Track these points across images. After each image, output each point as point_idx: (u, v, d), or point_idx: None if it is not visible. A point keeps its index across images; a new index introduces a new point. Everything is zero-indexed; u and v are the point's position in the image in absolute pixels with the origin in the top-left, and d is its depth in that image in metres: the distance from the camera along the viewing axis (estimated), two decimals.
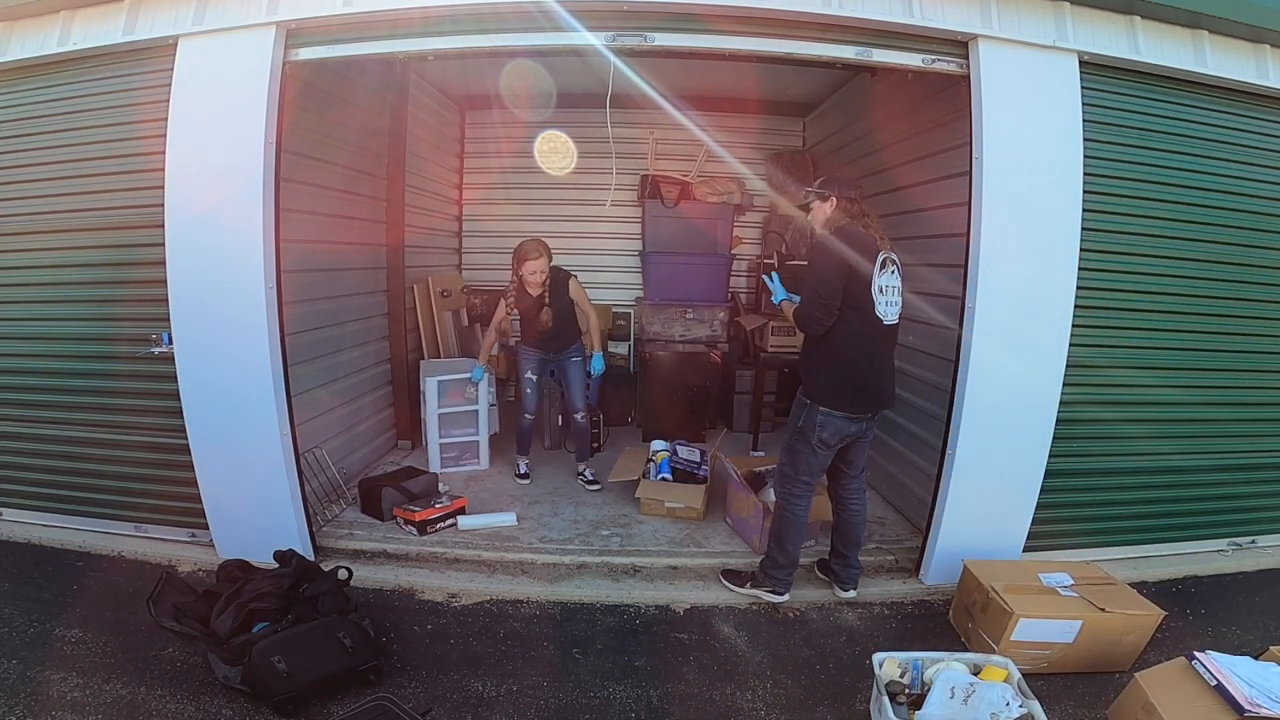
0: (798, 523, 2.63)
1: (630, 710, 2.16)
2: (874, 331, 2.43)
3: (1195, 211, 2.86)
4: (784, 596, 2.73)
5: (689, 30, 2.58)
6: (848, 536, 2.76)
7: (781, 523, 2.65)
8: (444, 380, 3.95)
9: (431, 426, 3.96)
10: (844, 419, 2.48)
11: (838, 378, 2.46)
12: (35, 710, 2.06)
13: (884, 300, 2.42)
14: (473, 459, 4.09)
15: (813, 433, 2.49)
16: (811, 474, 2.59)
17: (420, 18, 2.59)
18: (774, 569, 2.70)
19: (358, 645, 2.20)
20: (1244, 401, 3.13)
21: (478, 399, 4.00)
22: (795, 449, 2.58)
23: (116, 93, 2.83)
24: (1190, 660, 1.97)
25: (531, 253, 3.47)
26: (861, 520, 2.76)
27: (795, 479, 2.60)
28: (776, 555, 2.69)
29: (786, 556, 2.68)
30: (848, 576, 2.79)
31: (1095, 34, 2.61)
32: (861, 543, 2.80)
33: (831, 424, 2.47)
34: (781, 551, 2.67)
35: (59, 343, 3.09)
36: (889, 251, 2.45)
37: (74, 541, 3.14)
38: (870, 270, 2.37)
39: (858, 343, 2.43)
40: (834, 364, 2.45)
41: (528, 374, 3.76)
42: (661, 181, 5.19)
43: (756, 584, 2.76)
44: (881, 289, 2.40)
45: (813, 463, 2.56)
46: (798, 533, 2.65)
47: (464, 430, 4.08)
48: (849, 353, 2.43)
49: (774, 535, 2.69)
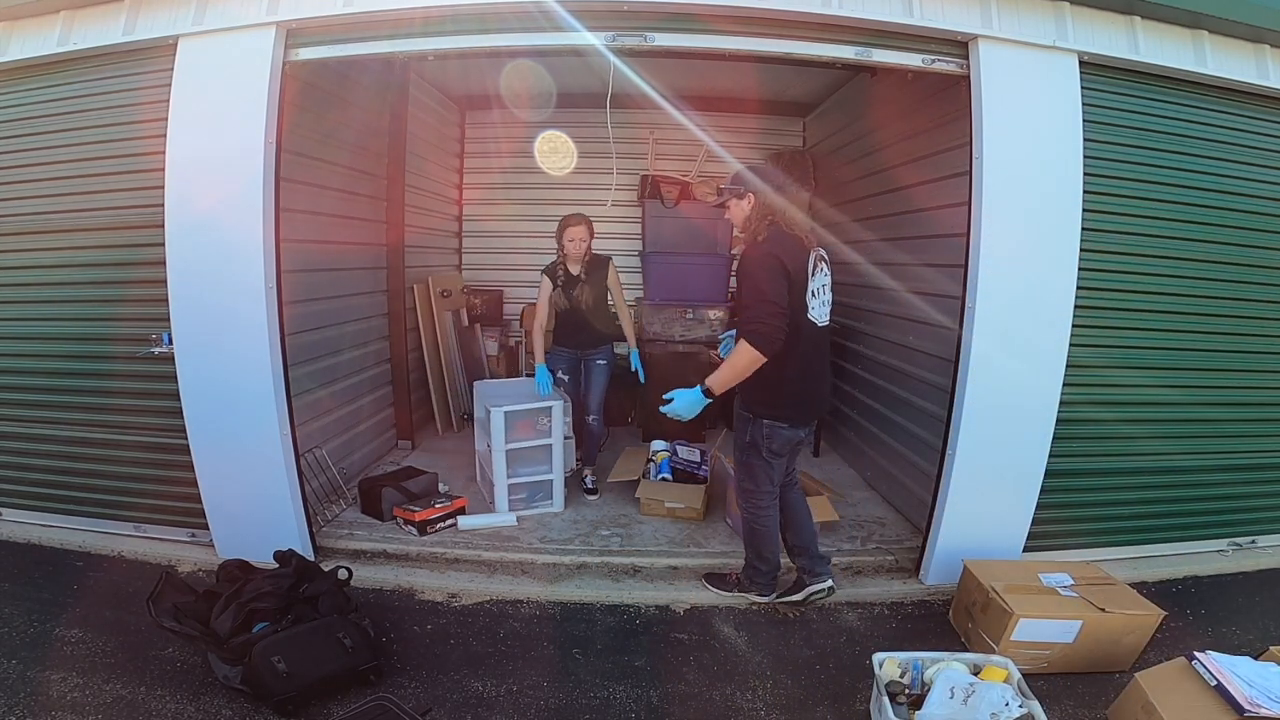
0: (769, 532, 2.59)
1: (630, 710, 2.16)
2: (809, 338, 2.33)
3: (1195, 211, 2.86)
4: (770, 596, 2.72)
5: (689, 30, 2.58)
6: (800, 526, 2.67)
7: (754, 536, 2.63)
8: (512, 412, 3.33)
9: (498, 464, 3.34)
10: (791, 429, 2.43)
11: (777, 392, 2.36)
12: (35, 710, 2.05)
13: (817, 303, 2.33)
14: (545, 500, 3.53)
15: (763, 444, 2.44)
16: (771, 483, 2.53)
17: (421, 18, 2.59)
18: (757, 575, 2.70)
19: (358, 645, 2.20)
20: (1244, 401, 3.13)
21: (550, 431, 3.44)
22: (750, 463, 2.51)
23: (116, 93, 2.83)
24: (1190, 660, 1.97)
25: (574, 220, 3.47)
26: (803, 503, 2.72)
27: (757, 492, 2.54)
28: (757, 564, 2.68)
29: (767, 563, 2.67)
30: (820, 567, 2.65)
31: (1095, 34, 2.61)
32: (815, 530, 2.73)
33: (779, 434, 2.42)
34: (761, 559, 2.66)
35: (59, 343, 3.09)
36: (817, 249, 2.36)
37: (74, 541, 3.14)
38: (805, 274, 2.27)
39: (799, 353, 2.30)
40: (773, 378, 2.31)
41: (559, 374, 3.69)
42: (661, 181, 5.20)
43: (743, 588, 2.75)
44: (814, 292, 2.31)
45: (770, 473, 2.50)
46: (772, 540, 2.62)
47: (533, 467, 3.46)
48: (789, 366, 2.31)
49: (750, 546, 2.68)
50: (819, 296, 2.34)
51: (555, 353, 3.73)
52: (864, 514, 3.56)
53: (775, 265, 2.21)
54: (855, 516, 3.50)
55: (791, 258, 2.24)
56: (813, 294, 2.31)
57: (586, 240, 3.49)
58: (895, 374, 3.67)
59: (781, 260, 2.21)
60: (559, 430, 3.45)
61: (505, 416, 3.29)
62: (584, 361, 3.75)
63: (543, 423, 3.43)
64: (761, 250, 2.26)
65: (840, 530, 3.31)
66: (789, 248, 2.27)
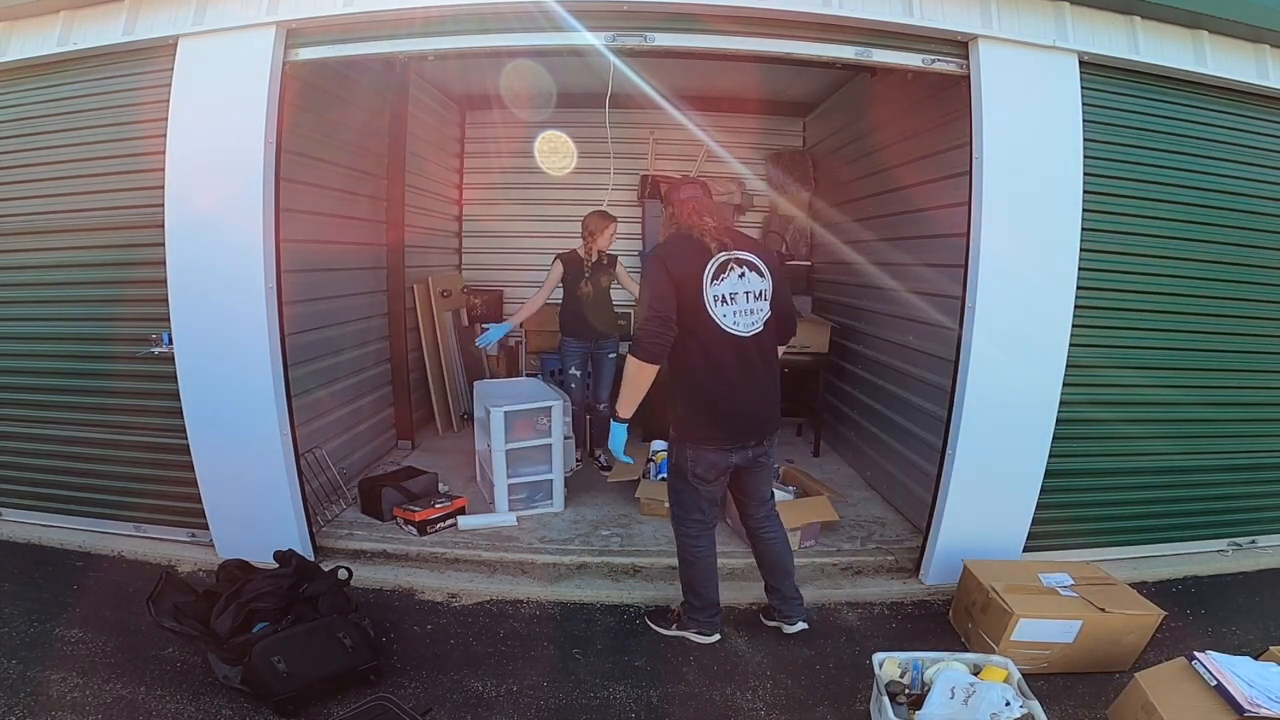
0: (701, 564, 2.37)
1: (630, 710, 2.16)
2: (725, 349, 2.12)
3: (1195, 211, 2.86)
4: (713, 637, 2.46)
5: (689, 30, 2.57)
6: (773, 567, 2.48)
7: (684, 567, 2.42)
8: (512, 412, 3.33)
9: (498, 464, 3.34)
10: (717, 452, 2.20)
11: (693, 410, 2.19)
12: (35, 710, 2.05)
13: (730, 310, 2.10)
14: (546, 500, 3.52)
15: (686, 470, 2.25)
16: (701, 510, 2.32)
17: (421, 18, 2.58)
18: (694, 613, 2.46)
19: (358, 645, 2.20)
20: (1244, 401, 3.13)
21: (550, 431, 3.42)
22: (675, 487, 2.35)
23: (117, 93, 2.83)
24: (1190, 660, 1.97)
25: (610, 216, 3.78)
26: (783, 547, 2.47)
27: (685, 519, 2.35)
28: (691, 599, 2.45)
29: (701, 600, 2.42)
30: (789, 609, 2.49)
31: (1095, 34, 2.61)
32: (791, 570, 2.50)
33: (704, 459, 2.21)
34: (695, 595, 2.43)
35: (59, 343, 3.09)
36: (735, 252, 2.14)
37: (74, 541, 3.14)
38: (700, 278, 2.08)
39: (709, 368, 2.13)
40: (687, 394, 2.18)
41: (572, 370, 3.90)
42: (661, 181, 5.19)
43: (682, 626, 2.50)
44: (723, 298, 2.10)
45: (697, 499, 2.30)
46: (705, 575, 2.39)
47: (533, 468, 3.46)
48: (700, 379, 2.14)
49: (683, 580, 2.46)
50: (732, 303, 2.11)
51: (567, 347, 3.92)
52: (864, 514, 3.56)
53: (658, 271, 2.09)
54: (855, 516, 3.50)
55: (682, 263, 2.10)
56: (719, 299, 2.10)
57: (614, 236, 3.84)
58: (895, 374, 3.67)
59: (665, 265, 2.10)
60: (559, 430, 3.46)
61: (505, 416, 3.29)
62: (594, 354, 3.95)
63: (543, 423, 3.43)
64: (651, 256, 2.18)
65: (840, 530, 3.31)
66: (682, 252, 2.13)
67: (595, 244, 3.75)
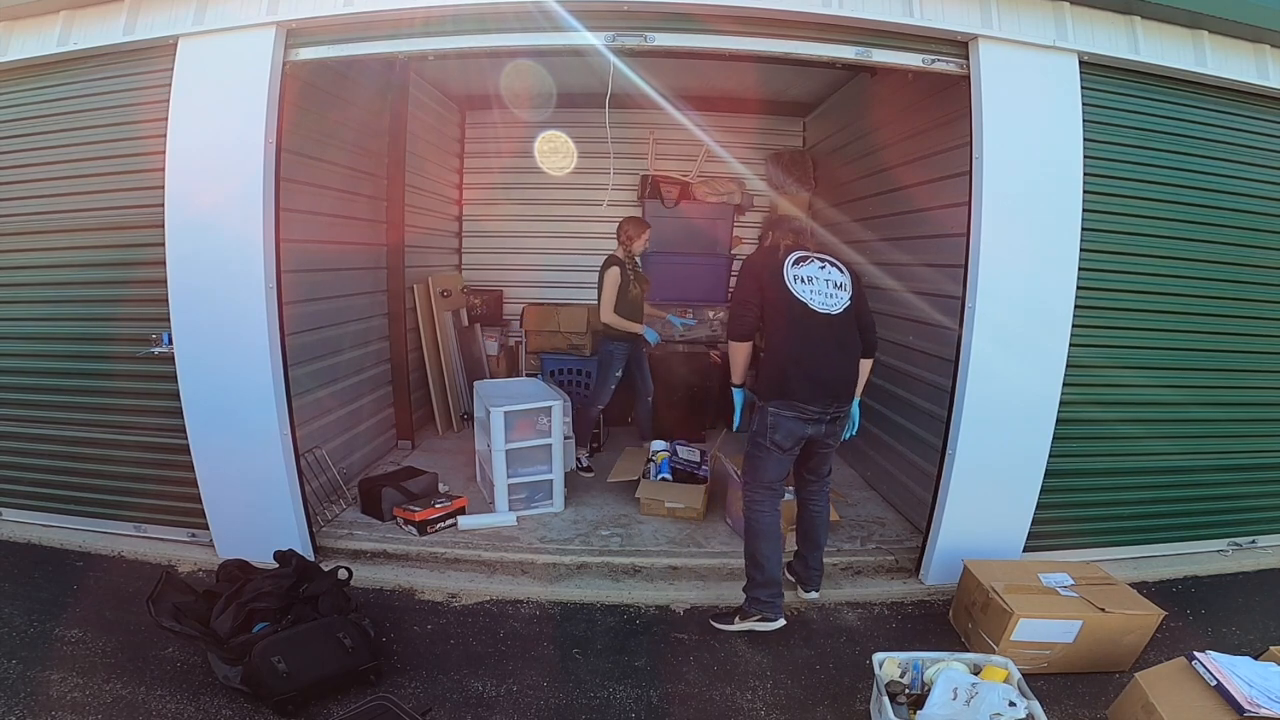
0: (765, 533, 2.52)
1: (630, 710, 2.16)
2: (810, 322, 2.46)
3: (1195, 211, 2.86)
4: (778, 622, 2.52)
5: (689, 30, 2.58)
6: (808, 537, 2.76)
7: (749, 535, 2.56)
8: (512, 412, 3.34)
9: (498, 464, 3.35)
10: (795, 419, 2.44)
11: (778, 369, 2.46)
12: (35, 710, 2.05)
13: (810, 290, 2.49)
14: (546, 500, 3.53)
15: (765, 435, 2.48)
16: (772, 479, 2.53)
17: (421, 18, 2.59)
18: (755, 589, 2.54)
19: (358, 645, 2.20)
20: (1244, 401, 3.13)
21: (550, 431, 3.43)
22: (751, 455, 2.57)
23: (116, 93, 2.83)
24: (1190, 660, 1.97)
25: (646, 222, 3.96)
26: (823, 522, 2.74)
27: (755, 485, 2.56)
28: (754, 573, 2.54)
29: (763, 574, 2.52)
30: (809, 577, 2.79)
31: (1095, 34, 2.61)
32: (822, 544, 2.77)
33: (784, 425, 2.45)
34: (757, 568, 2.53)
35: (59, 343, 3.09)
36: (803, 251, 2.58)
37: (74, 541, 3.14)
38: (779, 267, 2.50)
39: (792, 335, 2.46)
40: (773, 358, 2.49)
41: (616, 372, 3.95)
42: (661, 181, 5.20)
43: (745, 616, 2.56)
44: (802, 279, 2.50)
45: (769, 467, 2.51)
46: (769, 545, 2.52)
47: (533, 468, 3.47)
48: (786, 345, 2.47)
49: (747, 551, 2.58)
50: (811, 284, 2.50)
51: (617, 350, 3.94)
52: (864, 514, 3.56)
53: (746, 272, 2.60)
54: (855, 516, 3.50)
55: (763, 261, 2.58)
56: (798, 280, 2.50)
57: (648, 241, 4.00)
58: (895, 374, 3.67)
59: (752, 267, 2.59)
60: (559, 430, 3.46)
61: (505, 416, 3.30)
62: (635, 354, 4.07)
63: (543, 423, 3.43)
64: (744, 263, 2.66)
65: (840, 530, 3.31)
66: (765, 253, 2.64)
67: (633, 247, 3.86)
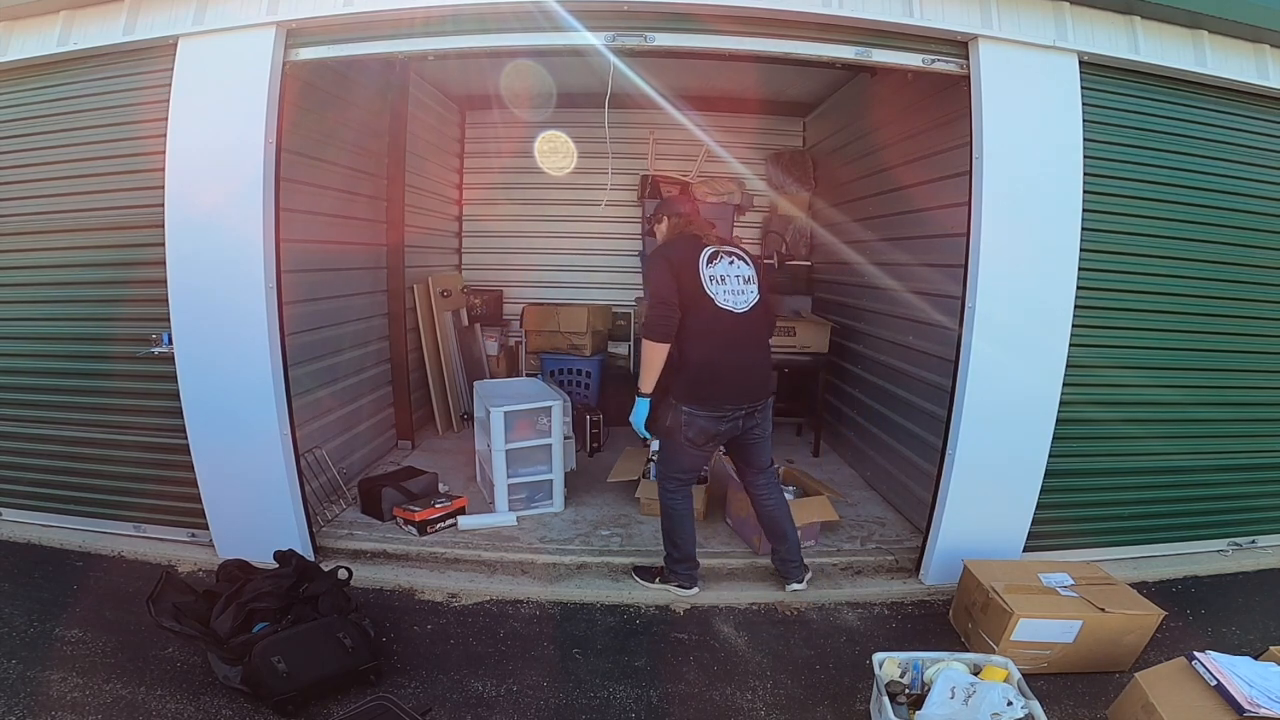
0: (678, 516, 2.67)
1: (630, 710, 2.16)
2: (724, 325, 2.46)
3: (1195, 211, 2.86)
4: (693, 590, 2.76)
5: (688, 30, 2.57)
6: (773, 531, 2.79)
7: (666, 519, 2.72)
8: (512, 412, 3.33)
9: (498, 464, 3.36)
10: (709, 419, 2.49)
11: (690, 375, 2.47)
12: (35, 710, 2.05)
13: (724, 289, 2.48)
14: (546, 500, 3.53)
15: (679, 433, 2.54)
16: (684, 470, 2.64)
17: (421, 18, 2.59)
18: (673, 564, 2.76)
19: (358, 645, 2.20)
20: (1244, 401, 3.13)
21: (550, 431, 3.44)
22: (666, 446, 2.67)
23: (116, 93, 2.83)
24: (1190, 660, 1.97)
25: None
26: (782, 514, 2.76)
27: (667, 475, 2.68)
28: (671, 551, 2.74)
29: (680, 552, 2.72)
30: (787, 570, 2.80)
31: (1095, 34, 2.61)
32: (790, 535, 2.77)
33: (697, 424, 2.49)
34: (674, 547, 2.72)
35: (59, 343, 3.09)
36: (720, 246, 2.55)
37: (74, 541, 3.13)
38: (695, 265, 2.45)
39: (707, 339, 2.45)
40: (685, 362, 2.48)
41: None
42: (661, 181, 5.20)
43: (665, 579, 2.79)
44: (716, 278, 2.48)
45: (681, 460, 2.61)
46: (682, 526, 2.68)
47: (533, 468, 3.47)
48: (700, 350, 2.45)
49: (664, 531, 2.76)
50: (725, 284, 2.49)
51: None
52: (864, 514, 3.56)
53: (662, 265, 2.47)
54: (855, 516, 3.50)
55: (681, 255, 2.49)
56: (713, 279, 2.47)
57: None
58: (895, 374, 3.67)
59: (668, 259, 2.48)
60: (559, 430, 3.46)
61: (505, 416, 3.30)
62: None
63: (543, 423, 3.43)
64: (654, 254, 2.57)
65: (840, 530, 3.31)
66: (682, 246, 2.53)
67: None
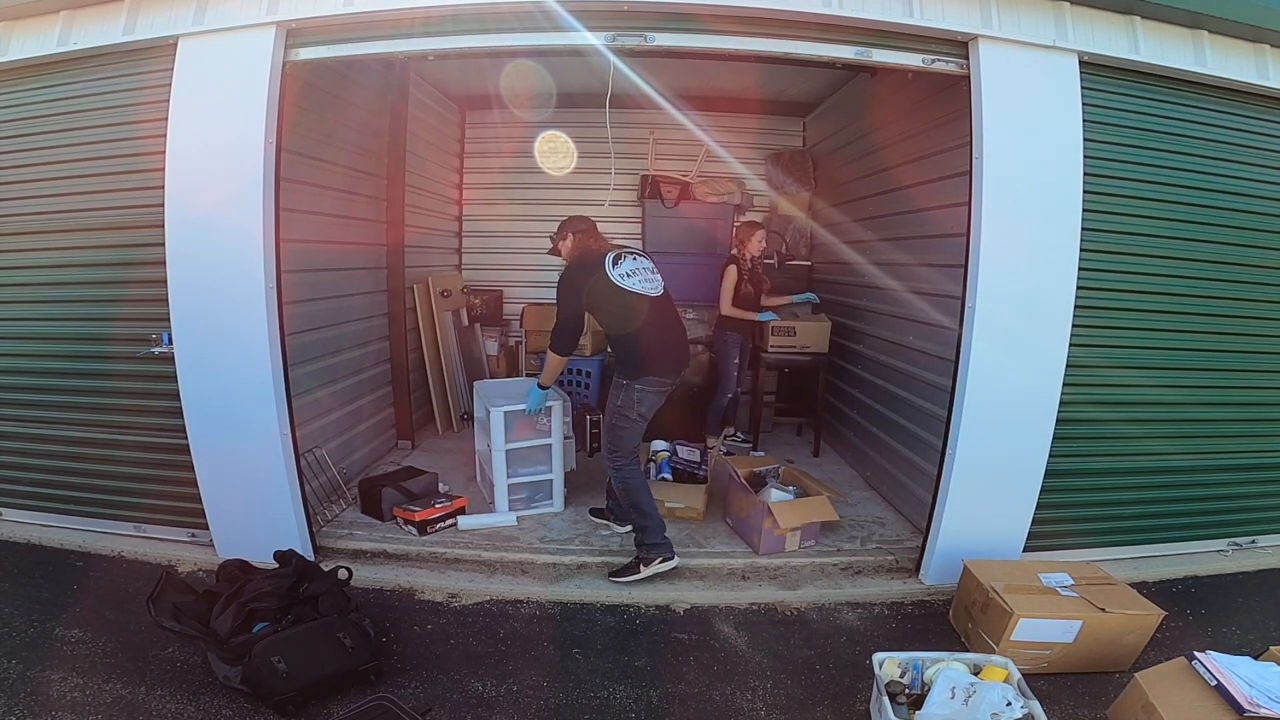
0: (641, 488, 2.88)
1: (630, 710, 2.16)
2: (648, 308, 2.79)
3: (1195, 211, 2.86)
4: (675, 560, 2.86)
5: (689, 30, 2.58)
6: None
7: (629, 493, 2.88)
8: (512, 412, 3.33)
9: (498, 464, 3.37)
10: (655, 392, 2.82)
11: (638, 354, 2.80)
12: (35, 710, 2.06)
13: (638, 280, 2.79)
14: (546, 500, 3.54)
15: (632, 409, 2.81)
16: (633, 447, 2.90)
17: (421, 18, 2.59)
18: (649, 536, 2.84)
19: (358, 645, 2.20)
20: (1244, 401, 3.13)
21: (550, 431, 3.45)
22: (616, 427, 2.87)
23: (116, 93, 2.83)
24: (1190, 660, 1.97)
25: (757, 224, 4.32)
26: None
27: (620, 453, 2.89)
28: (644, 522, 2.85)
29: (652, 519, 2.85)
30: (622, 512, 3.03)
31: (1095, 34, 2.61)
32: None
33: (648, 399, 2.82)
34: (644, 516, 2.85)
35: (59, 343, 3.09)
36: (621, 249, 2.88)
37: (74, 541, 3.14)
38: (604, 274, 2.74)
39: (642, 323, 2.78)
40: (630, 347, 2.82)
41: (734, 359, 4.28)
42: (661, 181, 5.19)
43: (649, 563, 2.85)
44: (627, 274, 2.78)
45: (632, 436, 2.88)
46: (642, 493, 2.88)
47: (534, 468, 3.48)
48: (640, 333, 2.78)
49: (630, 504, 2.89)
50: (635, 276, 2.80)
51: (733, 341, 4.25)
52: (864, 514, 3.56)
53: (568, 290, 2.78)
54: (855, 516, 3.50)
55: (586, 272, 2.78)
56: (624, 275, 2.77)
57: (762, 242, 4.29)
58: (895, 374, 3.67)
59: (572, 283, 2.77)
60: (559, 430, 3.46)
61: (505, 416, 3.30)
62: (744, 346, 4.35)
63: (543, 423, 3.43)
64: (561, 280, 2.82)
65: (840, 530, 3.31)
66: (584, 263, 2.82)
67: (746, 249, 4.19)
